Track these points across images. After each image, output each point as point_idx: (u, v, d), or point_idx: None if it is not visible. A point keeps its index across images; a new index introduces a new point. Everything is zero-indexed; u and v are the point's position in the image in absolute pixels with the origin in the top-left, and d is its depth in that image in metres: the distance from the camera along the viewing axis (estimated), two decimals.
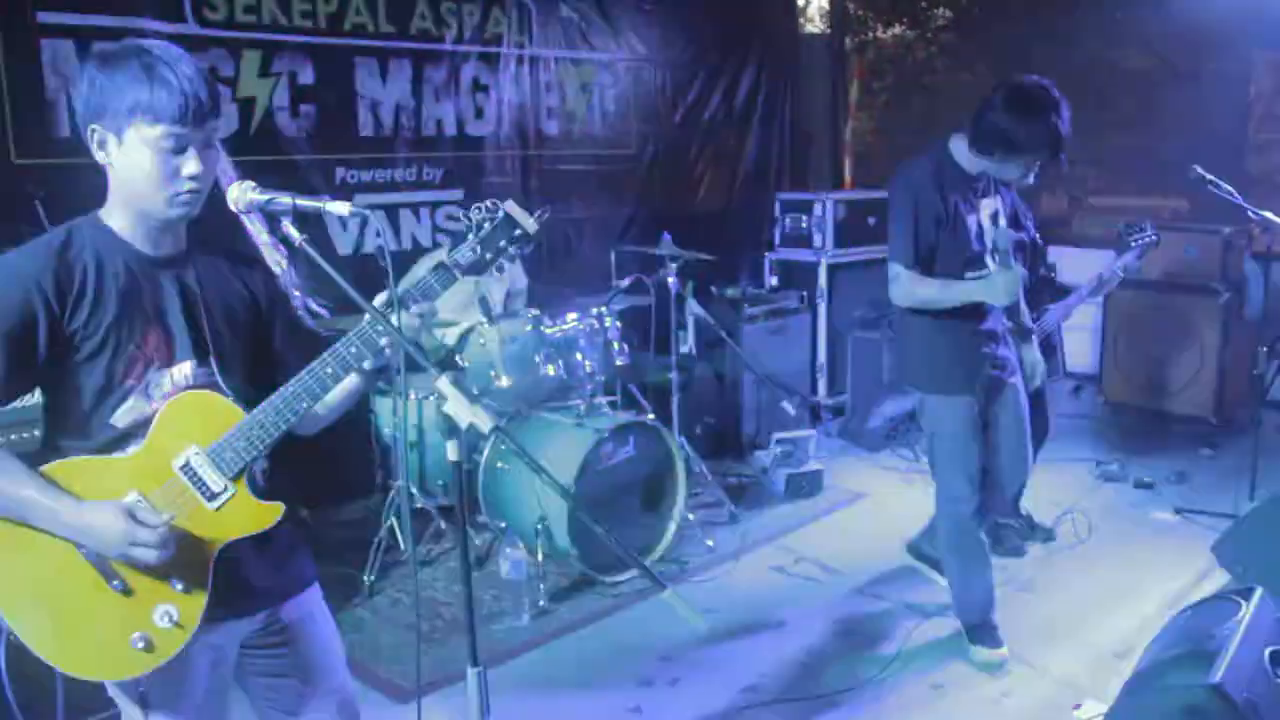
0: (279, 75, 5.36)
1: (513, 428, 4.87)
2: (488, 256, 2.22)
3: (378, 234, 5.61)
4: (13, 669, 2.02)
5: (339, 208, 2.05)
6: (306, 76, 5.47)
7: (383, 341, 2.11)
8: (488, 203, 2.23)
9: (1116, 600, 4.55)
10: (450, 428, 1.98)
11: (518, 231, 2.23)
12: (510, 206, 2.23)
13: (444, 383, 1.95)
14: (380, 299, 2.09)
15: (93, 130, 1.99)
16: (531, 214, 2.25)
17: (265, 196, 2.06)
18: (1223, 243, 6.93)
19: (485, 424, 1.92)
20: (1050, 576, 4.84)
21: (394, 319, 2.05)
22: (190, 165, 1.99)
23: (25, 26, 4.50)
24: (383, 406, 5.05)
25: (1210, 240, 6.99)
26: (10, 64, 4.47)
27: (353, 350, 2.11)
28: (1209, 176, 4.63)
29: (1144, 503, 5.73)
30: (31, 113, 4.55)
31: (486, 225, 2.22)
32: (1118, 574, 4.81)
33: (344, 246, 5.68)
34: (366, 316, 2.09)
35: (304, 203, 2.06)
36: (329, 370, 2.10)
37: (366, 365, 2.14)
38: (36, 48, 4.55)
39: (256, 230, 4.87)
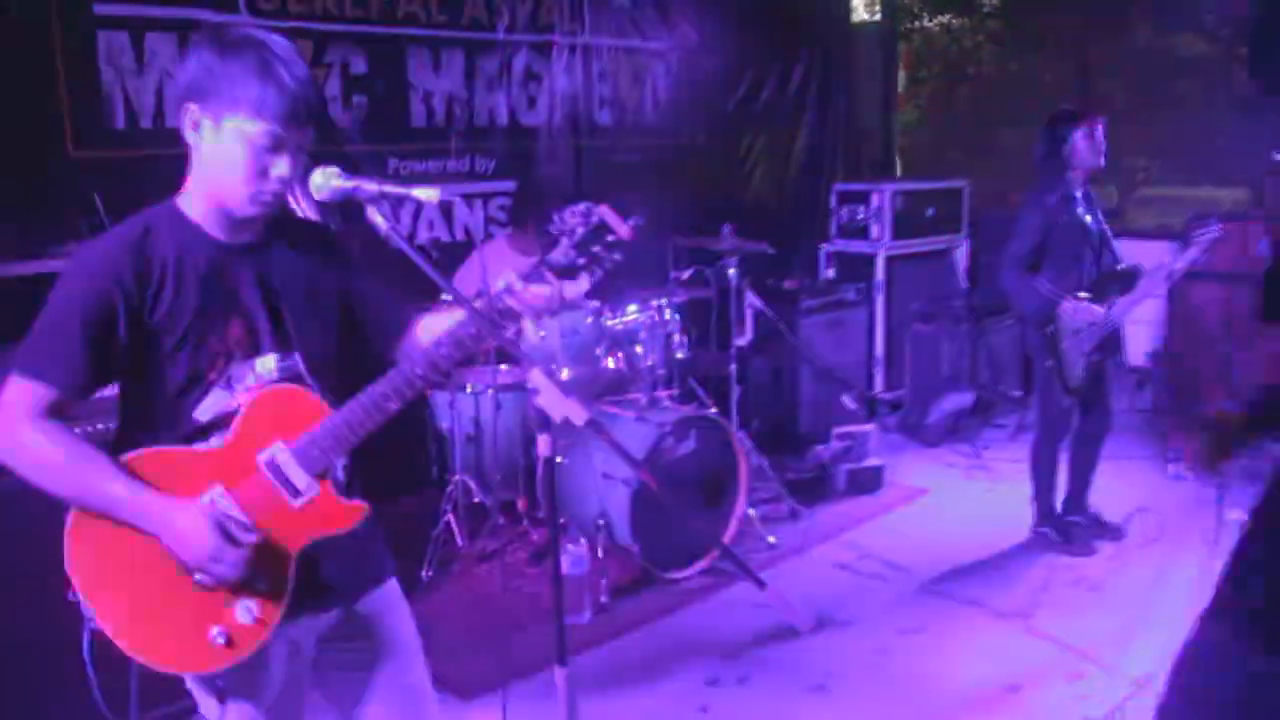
0: (331, 65, 5.32)
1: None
2: (581, 261, 2.14)
3: (430, 226, 5.62)
4: (96, 657, 1.99)
5: (427, 194, 1.99)
6: (359, 67, 5.42)
7: (476, 349, 2.06)
8: (583, 205, 2.14)
9: (1190, 603, 4.39)
10: (542, 421, 1.90)
11: (611, 237, 2.14)
12: (605, 211, 2.14)
13: (538, 375, 1.88)
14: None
15: (189, 109, 1.94)
16: (626, 220, 2.15)
17: (350, 183, 2.00)
18: None
19: (579, 417, 1.85)
20: (1122, 577, 4.71)
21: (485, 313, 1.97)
22: (281, 167, 1.95)
23: (82, 18, 4.47)
24: (440, 399, 5.00)
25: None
26: (68, 56, 4.44)
27: (443, 352, 2.04)
28: None
29: (1216, 501, 5.57)
30: (88, 105, 4.51)
31: (580, 229, 2.13)
32: (1192, 576, 4.67)
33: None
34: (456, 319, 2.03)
35: (390, 189, 2.00)
36: (419, 371, 2.03)
37: (457, 365, 2.08)
38: (94, 39, 4.52)
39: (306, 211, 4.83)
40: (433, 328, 2.18)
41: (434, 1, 5.68)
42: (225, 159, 1.94)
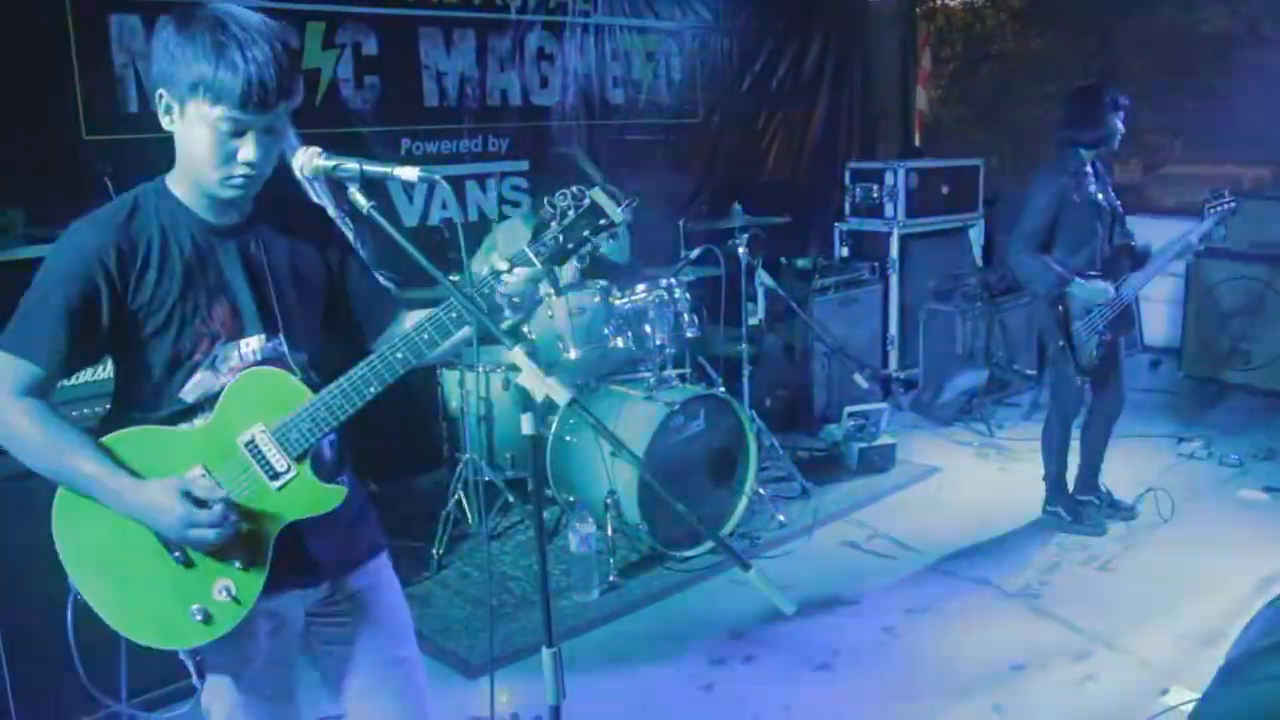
0: (343, 47, 5.32)
1: (582, 400, 4.81)
2: (570, 245, 2.12)
3: (444, 205, 5.62)
4: (81, 634, 2.02)
5: (407, 172, 1.97)
6: (370, 48, 5.43)
7: (457, 332, 2.06)
8: (573, 189, 2.12)
9: (1203, 582, 4.39)
10: (525, 401, 1.91)
11: (603, 220, 2.12)
12: (596, 194, 2.12)
13: (519, 355, 1.88)
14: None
15: (160, 95, 1.93)
16: (618, 202, 2.14)
17: (332, 163, 1.98)
18: None
19: (561, 396, 1.85)
20: (1133, 557, 4.69)
21: (466, 292, 1.97)
22: (246, 151, 1.92)
23: (95, 2, 4.49)
24: (449, 379, 5.02)
25: None
26: (81, 40, 4.47)
27: (425, 336, 2.05)
28: None
29: (1230, 480, 5.54)
30: (101, 88, 4.55)
31: (571, 213, 2.12)
32: (1204, 555, 4.65)
33: (410, 218, 5.67)
34: (443, 302, 2.03)
35: (371, 168, 1.98)
36: (399, 355, 2.04)
37: (438, 349, 2.08)
38: (106, 23, 4.54)
39: (323, 204, 4.84)
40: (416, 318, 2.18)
41: None
42: (193, 144, 1.93)
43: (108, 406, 2.10)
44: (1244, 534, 4.85)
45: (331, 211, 4.93)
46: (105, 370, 2.09)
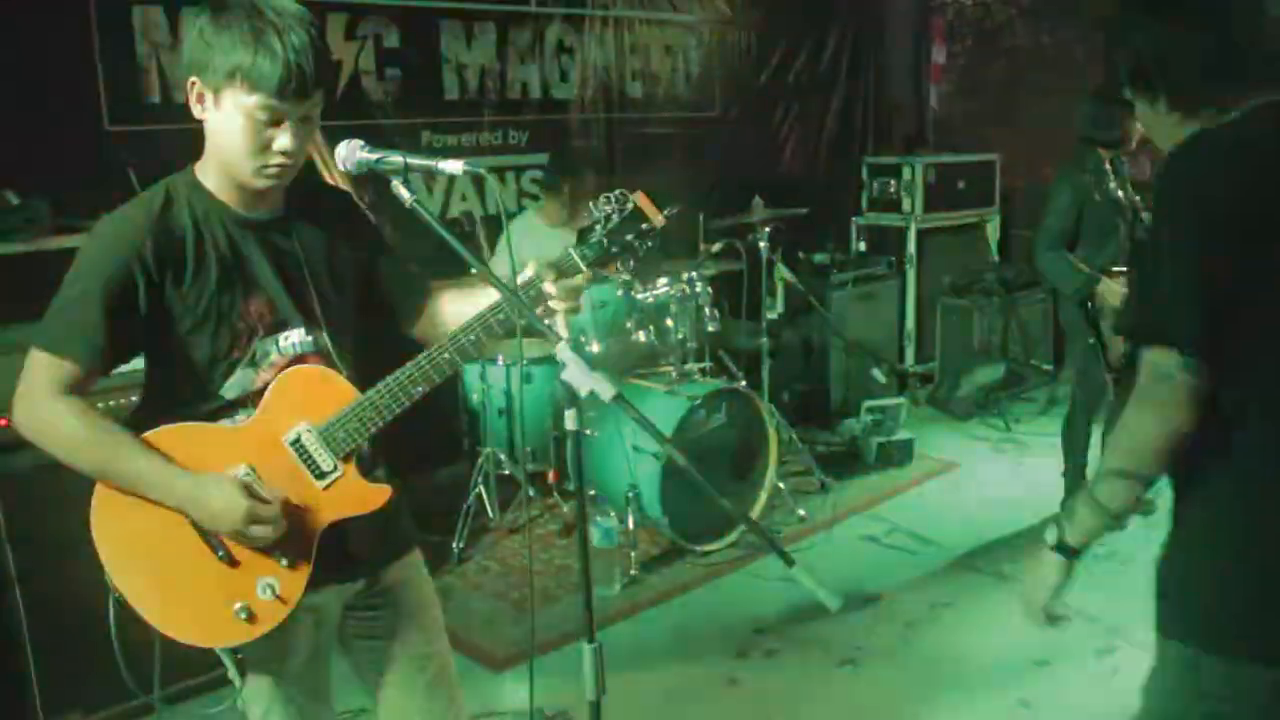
0: (365, 39, 5.31)
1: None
2: (614, 250, 2.11)
3: (463, 198, 5.62)
4: (120, 629, 2.02)
5: (452, 166, 1.96)
6: (392, 40, 5.42)
7: (504, 332, 2.05)
8: (616, 193, 2.11)
9: None
10: (569, 396, 1.91)
11: (645, 225, 2.12)
12: (639, 198, 2.11)
13: (564, 349, 1.87)
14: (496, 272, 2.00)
15: (192, 83, 1.92)
16: (661, 208, 2.13)
17: (375, 156, 1.96)
18: None
19: (607, 392, 1.85)
20: (1153, 550, 4.65)
21: (507, 288, 1.97)
22: (283, 140, 1.90)
23: None
24: (470, 373, 5.03)
25: None
26: (104, 31, 4.47)
27: (471, 339, 2.04)
28: None
29: None
30: (124, 79, 4.54)
31: (615, 217, 2.11)
32: None
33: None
34: (485, 304, 2.03)
35: (416, 161, 1.96)
36: (445, 356, 2.03)
37: (484, 350, 2.08)
38: (129, 14, 4.54)
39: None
40: (458, 310, 2.17)
41: None
42: (228, 133, 1.90)
43: (134, 400, 2.09)
44: None
45: (339, 183, 4.98)
46: (133, 361, 2.07)
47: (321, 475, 2.02)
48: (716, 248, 5.30)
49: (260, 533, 1.92)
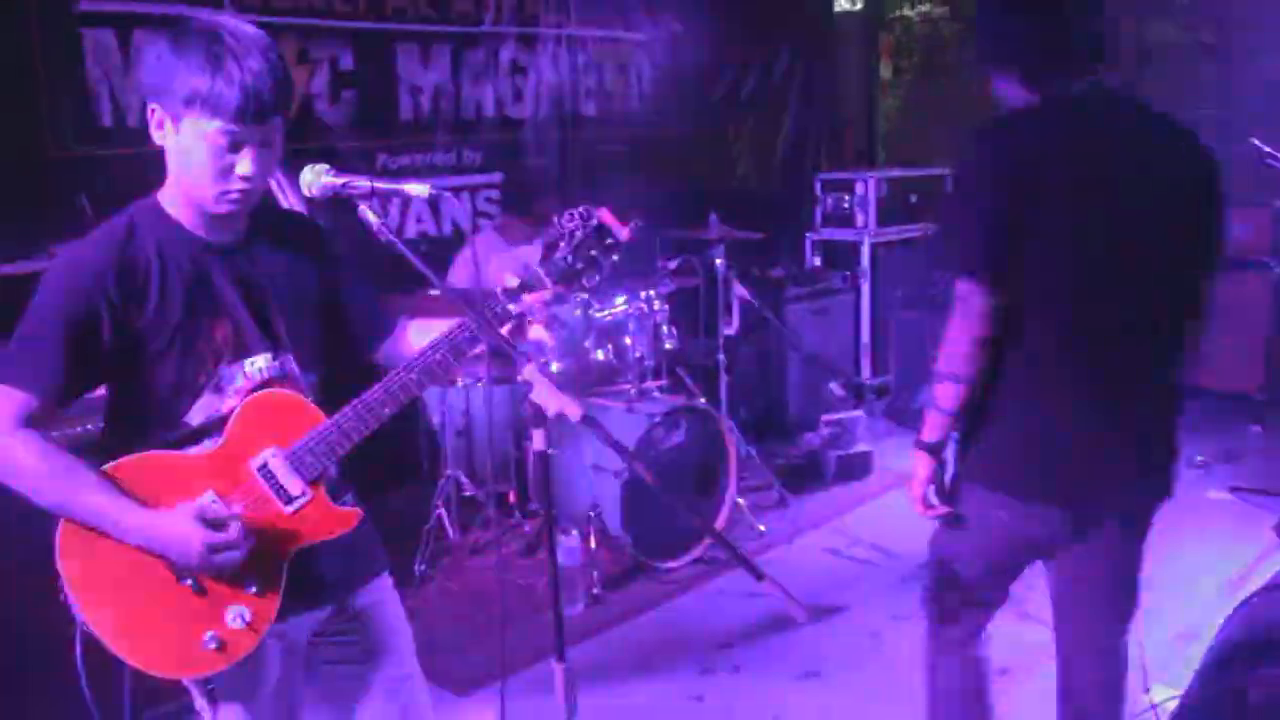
0: (319, 61, 5.31)
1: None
2: (579, 266, 2.13)
3: (419, 218, 5.63)
4: (87, 660, 1.99)
5: (417, 189, 1.98)
6: (346, 62, 5.42)
7: (470, 351, 2.06)
8: (580, 209, 2.14)
9: (1177, 582, 4.46)
10: (537, 416, 1.92)
11: (609, 240, 2.14)
12: (604, 214, 2.14)
13: (532, 371, 1.89)
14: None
15: (153, 109, 1.91)
16: (625, 223, 2.15)
17: (340, 180, 1.99)
18: (1273, 216, 6.78)
19: (575, 412, 1.87)
20: None
21: (481, 311, 1.98)
22: (244, 165, 1.90)
23: (66, 16, 4.46)
24: (430, 394, 5.01)
25: (1259, 214, 6.83)
26: (49, 55, 4.43)
27: (438, 358, 2.05)
28: (1266, 149, 4.52)
29: (1198, 482, 5.63)
30: (74, 104, 4.50)
31: (579, 233, 2.13)
32: (1175, 555, 4.71)
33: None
34: (450, 323, 2.04)
35: (382, 185, 1.99)
36: (413, 377, 2.04)
37: (451, 371, 2.08)
38: (78, 37, 4.50)
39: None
40: (424, 332, 2.17)
41: None
42: (188, 158, 1.90)
43: (101, 426, 2.08)
44: (1214, 534, 4.94)
45: (294, 206, 4.97)
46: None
47: (290, 500, 2.01)
48: (673, 265, 5.33)
49: (227, 559, 1.90)
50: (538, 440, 1.97)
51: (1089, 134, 2.39)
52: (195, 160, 1.89)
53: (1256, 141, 4.54)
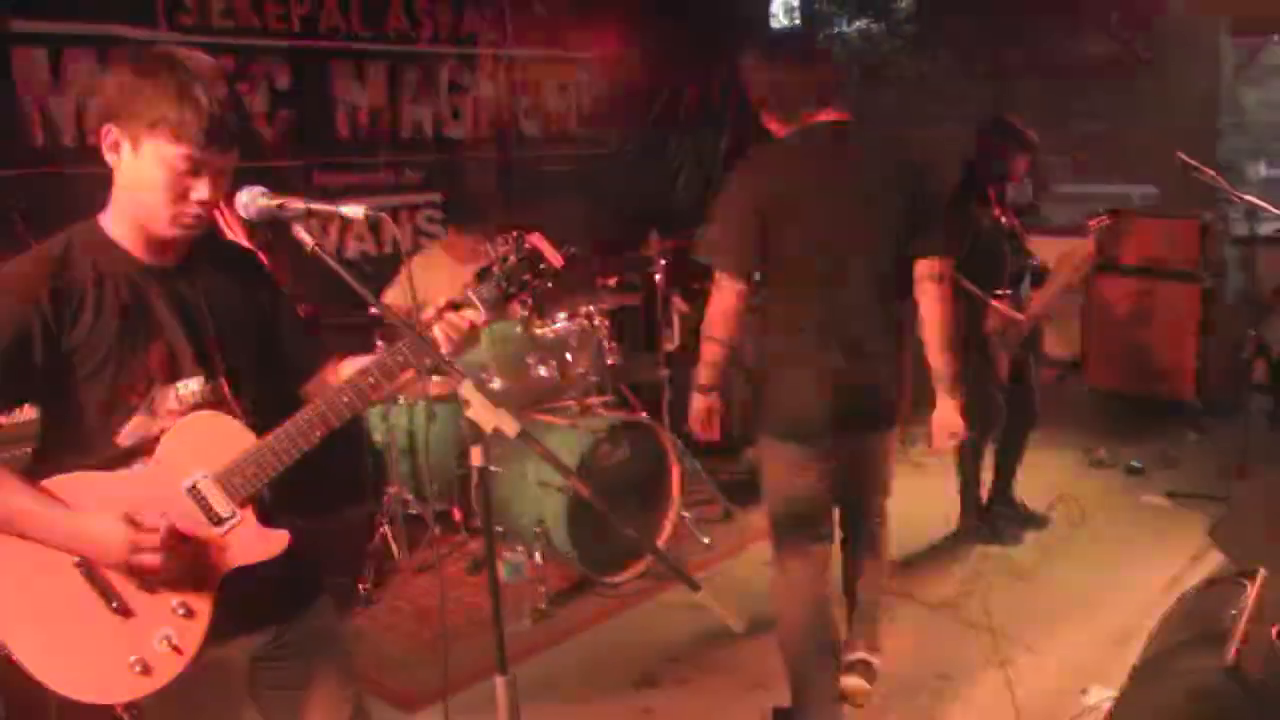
0: (255, 80, 5.30)
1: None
2: (511, 290, 2.15)
3: (359, 237, 5.60)
4: (6, 685, 1.96)
5: (353, 210, 2.00)
6: (283, 81, 5.40)
7: (402, 375, 2.06)
8: (514, 234, 2.15)
9: (1115, 585, 4.56)
10: (474, 433, 1.93)
11: (543, 265, 2.16)
12: (537, 239, 2.15)
13: (468, 388, 1.90)
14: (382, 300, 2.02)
15: (108, 130, 1.92)
16: (559, 248, 2.18)
17: (275, 202, 1.99)
18: (1201, 228, 6.95)
19: (511, 428, 1.88)
20: (1047, 564, 4.85)
21: (416, 330, 1.99)
22: (201, 190, 1.92)
23: None
24: (373, 413, 4.99)
25: (1189, 226, 7.00)
26: None
27: (371, 380, 2.05)
28: (1192, 162, 4.64)
29: (1135, 488, 5.76)
30: (4, 123, 4.45)
31: (511, 258, 2.15)
32: (1114, 559, 4.83)
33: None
34: (382, 347, 2.04)
35: (318, 206, 2.00)
36: (345, 400, 2.04)
37: (382, 393, 2.09)
38: (8, 57, 4.46)
39: (236, 236, 4.80)
40: (355, 365, 2.17)
41: (356, 14, 5.68)
42: (145, 181, 1.91)
43: (30, 452, 2.06)
44: (1149, 538, 5.05)
45: (243, 243, 4.92)
46: (22, 413, 2.03)
47: (219, 521, 2.00)
48: (613, 281, 5.35)
49: (147, 560, 1.89)
50: (475, 456, 1.97)
51: (816, 154, 3.24)
52: (152, 183, 1.91)
53: (1182, 155, 4.64)
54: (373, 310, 1.98)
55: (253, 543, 2.04)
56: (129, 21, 4.72)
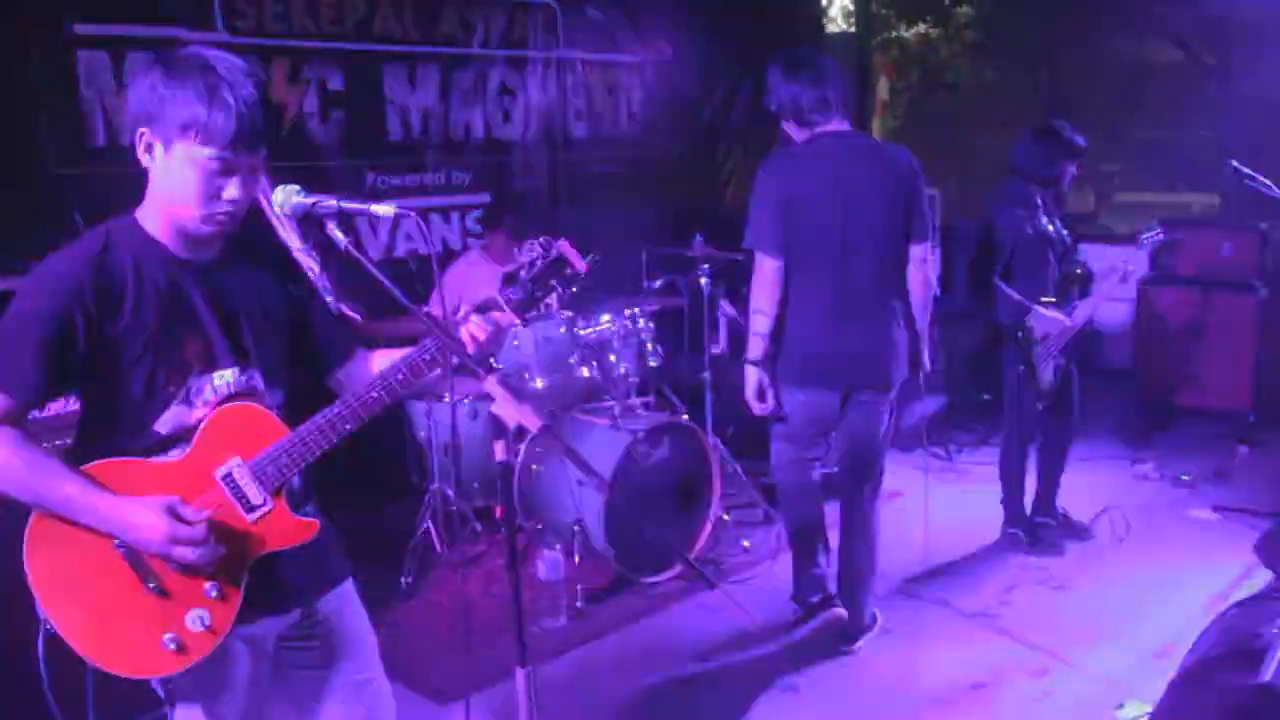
0: (309, 81, 5.40)
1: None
2: (538, 294, 2.22)
3: (408, 238, 5.69)
4: (49, 659, 2.04)
5: (384, 209, 2.06)
6: (336, 83, 5.50)
7: (431, 371, 2.13)
8: (541, 241, 2.23)
9: (1156, 599, 4.51)
10: (498, 428, 1.98)
11: (569, 270, 2.23)
12: (563, 246, 2.23)
13: (492, 383, 1.95)
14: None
15: (141, 133, 1.99)
16: (584, 255, 2.25)
17: (310, 200, 2.07)
18: (1260, 238, 6.83)
19: (533, 423, 1.92)
20: (1089, 575, 4.80)
21: (442, 327, 2.04)
22: (232, 190, 1.99)
23: (62, 39, 4.55)
24: (416, 410, 5.06)
25: (1247, 236, 6.89)
26: (48, 76, 4.52)
27: (400, 377, 2.13)
28: (1245, 171, 4.57)
29: (1182, 500, 5.68)
30: (69, 123, 4.58)
31: (539, 263, 2.22)
32: (1157, 572, 4.77)
33: (375, 250, 5.72)
34: (408, 332, 2.10)
35: (349, 205, 2.07)
36: (375, 394, 2.12)
37: (412, 388, 2.16)
38: (73, 60, 4.59)
39: (289, 238, 4.90)
40: (387, 359, 2.24)
41: (409, 18, 5.77)
42: (177, 182, 1.98)
43: (68, 443, 2.14)
44: (1194, 552, 4.98)
45: (295, 245, 5.03)
46: (65, 404, 2.11)
47: (252, 509, 2.08)
48: (658, 284, 5.38)
49: (183, 553, 1.97)
50: (499, 451, 2.02)
51: (827, 156, 3.87)
52: (184, 184, 1.98)
53: (1235, 164, 4.57)
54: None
55: (283, 530, 2.12)
56: (187, 25, 4.85)
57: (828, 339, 3.90)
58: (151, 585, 2.00)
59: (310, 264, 4.99)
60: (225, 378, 2.11)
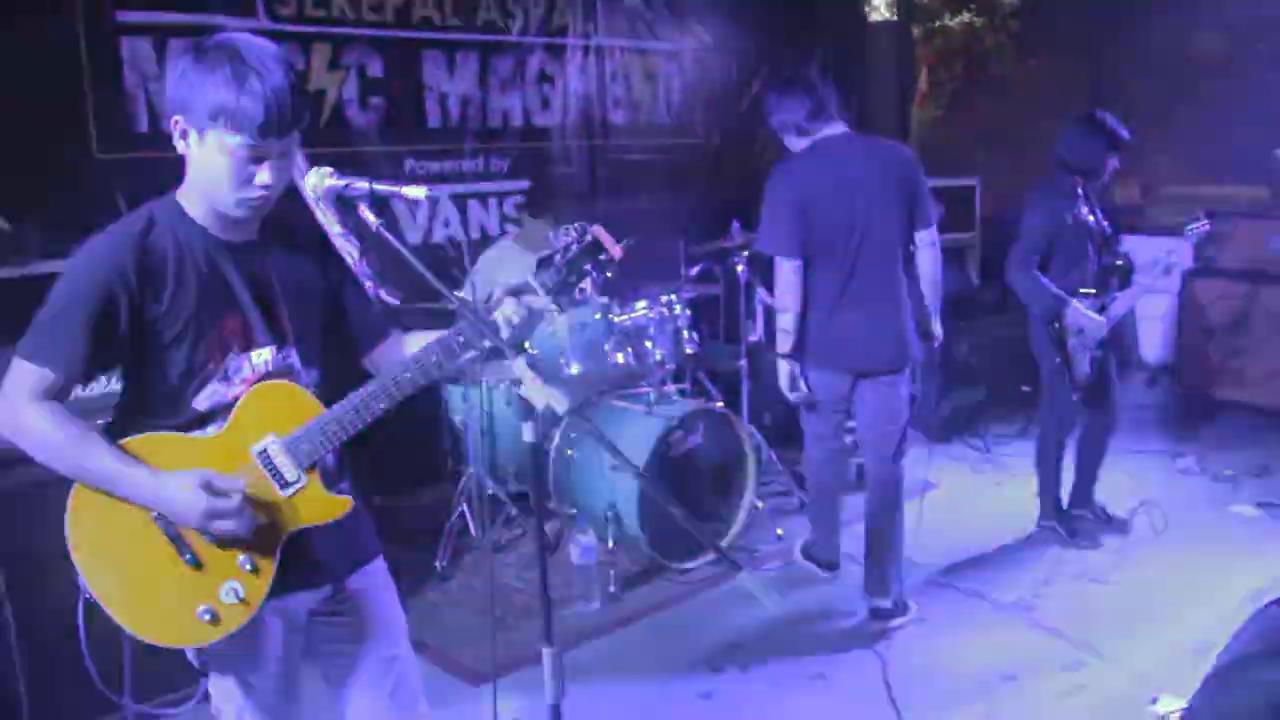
0: (348, 68, 5.44)
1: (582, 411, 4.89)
2: (572, 279, 2.24)
3: (446, 224, 5.73)
4: (89, 628, 2.09)
5: (414, 191, 2.09)
6: (375, 69, 5.54)
7: (464, 355, 2.15)
8: (576, 225, 2.24)
9: (1195, 595, 4.46)
10: (526, 410, 2.00)
11: (603, 255, 2.24)
12: (598, 231, 2.24)
13: (520, 365, 1.97)
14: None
15: (176, 120, 2.02)
16: (619, 240, 2.25)
17: (342, 182, 2.10)
18: None
19: (561, 405, 1.94)
20: (1126, 569, 4.76)
21: (474, 310, 2.06)
22: (264, 175, 2.02)
23: (106, 25, 4.61)
24: (454, 394, 5.10)
25: None
26: (92, 62, 4.58)
27: (433, 358, 2.16)
28: None
29: (1223, 496, 5.61)
30: (113, 108, 4.65)
31: (573, 248, 2.23)
32: (1196, 568, 4.72)
33: (413, 235, 5.76)
34: (442, 316, 2.12)
35: (380, 187, 2.10)
36: (408, 375, 2.15)
37: (445, 370, 2.18)
38: (117, 46, 4.66)
39: (328, 222, 4.94)
40: (420, 341, 2.27)
41: (448, 5, 5.79)
42: (210, 167, 2.01)
43: (109, 420, 2.18)
44: (1235, 548, 4.92)
45: (335, 229, 5.06)
46: (114, 383, 2.16)
47: (286, 485, 2.12)
48: (695, 271, 5.38)
49: (220, 526, 2.01)
50: (527, 432, 2.04)
51: (830, 158, 4.13)
52: (217, 170, 2.01)
53: (1278, 153, 4.51)
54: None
55: (316, 506, 2.17)
56: (229, 12, 4.90)
57: (839, 326, 4.16)
58: (187, 557, 2.05)
59: (349, 249, 5.05)
60: (263, 356, 2.15)
